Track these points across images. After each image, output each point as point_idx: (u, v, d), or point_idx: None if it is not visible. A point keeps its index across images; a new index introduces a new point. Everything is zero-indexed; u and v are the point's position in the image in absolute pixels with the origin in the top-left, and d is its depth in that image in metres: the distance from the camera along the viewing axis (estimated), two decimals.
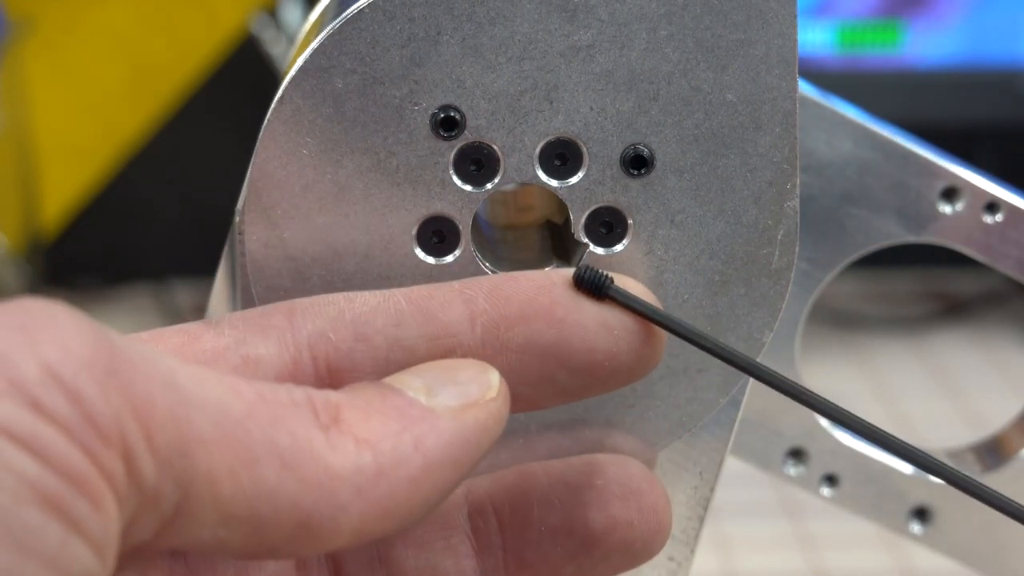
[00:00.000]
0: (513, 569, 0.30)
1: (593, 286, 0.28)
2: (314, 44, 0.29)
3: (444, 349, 0.28)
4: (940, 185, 0.35)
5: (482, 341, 0.28)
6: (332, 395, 0.26)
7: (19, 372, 0.22)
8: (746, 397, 0.32)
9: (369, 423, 0.26)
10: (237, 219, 0.30)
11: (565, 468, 0.31)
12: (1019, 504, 0.28)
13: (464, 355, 0.28)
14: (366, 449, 0.26)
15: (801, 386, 0.29)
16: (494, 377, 0.28)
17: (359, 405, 0.26)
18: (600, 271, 0.28)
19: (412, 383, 0.27)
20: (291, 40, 0.93)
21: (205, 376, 0.25)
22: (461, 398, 0.27)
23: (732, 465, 0.34)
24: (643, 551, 0.30)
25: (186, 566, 0.29)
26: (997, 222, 0.35)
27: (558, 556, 0.30)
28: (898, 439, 0.28)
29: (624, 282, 0.29)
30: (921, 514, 0.37)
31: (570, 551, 0.30)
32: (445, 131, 0.30)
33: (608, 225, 0.30)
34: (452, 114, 0.29)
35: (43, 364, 0.22)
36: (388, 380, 0.27)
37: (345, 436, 0.26)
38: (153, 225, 1.05)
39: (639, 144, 0.30)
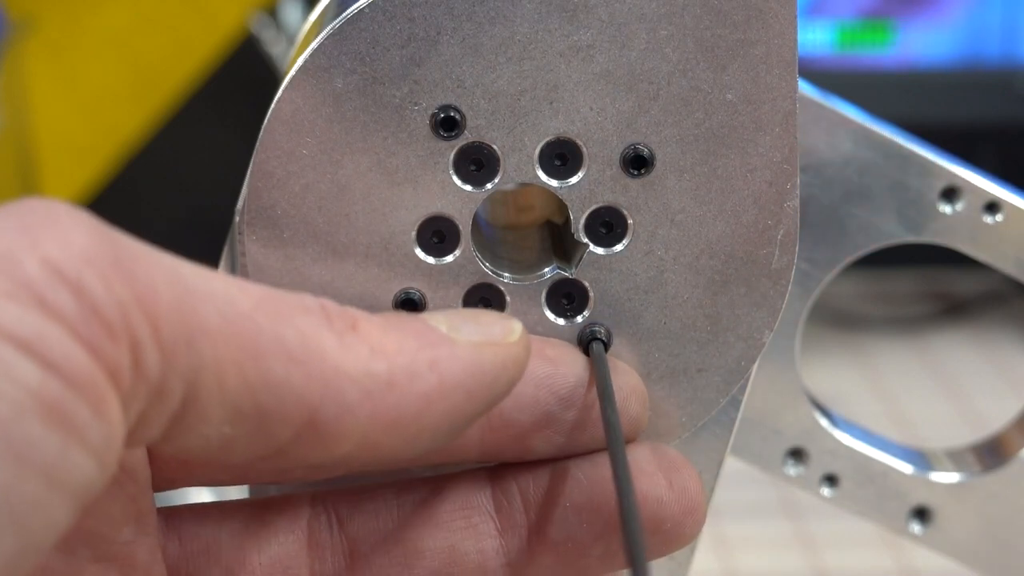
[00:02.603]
0: (538, 550, 0.30)
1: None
2: (314, 44, 0.29)
3: None
4: (940, 185, 0.35)
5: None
6: (351, 309, 0.26)
7: (23, 270, 0.22)
8: (746, 397, 0.32)
9: (386, 336, 0.26)
10: (237, 219, 0.30)
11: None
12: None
13: None
14: (380, 357, 0.25)
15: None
16: (517, 325, 0.28)
17: (377, 321, 0.26)
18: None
19: (434, 317, 0.27)
20: (291, 40, 0.93)
21: (209, 272, 0.24)
22: (482, 336, 0.27)
23: (732, 465, 0.34)
24: (674, 532, 0.29)
25: (181, 546, 0.28)
26: (997, 222, 0.35)
27: (584, 535, 0.29)
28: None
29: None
30: (921, 514, 0.37)
31: (596, 530, 0.29)
32: (445, 131, 0.30)
33: (608, 225, 0.30)
34: (452, 114, 0.29)
35: (46, 260, 0.22)
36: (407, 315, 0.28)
37: (360, 342, 0.25)
38: (153, 225, 1.05)
39: (639, 144, 0.30)
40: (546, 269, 0.31)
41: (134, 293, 0.22)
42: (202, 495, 0.37)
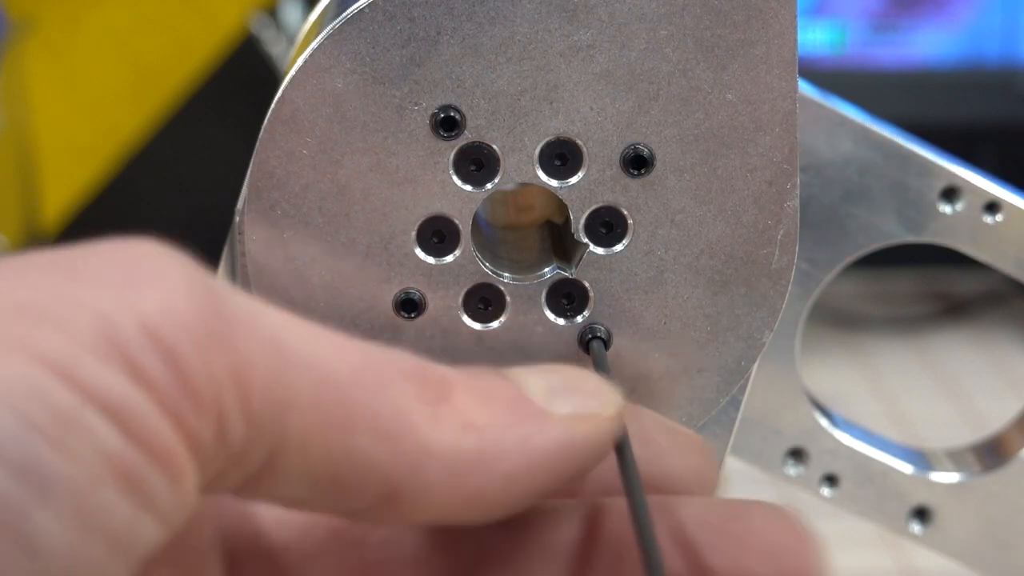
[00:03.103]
0: None
1: None
2: (314, 44, 0.29)
3: None
4: (940, 185, 0.35)
5: None
6: (448, 372, 0.26)
7: (118, 332, 0.21)
8: (746, 397, 0.32)
9: (479, 408, 0.25)
10: (237, 219, 0.30)
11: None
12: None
13: None
14: (470, 433, 0.25)
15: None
16: (616, 398, 0.27)
17: (473, 388, 0.26)
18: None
19: (533, 381, 0.26)
20: (291, 40, 0.93)
21: (314, 334, 0.24)
22: (578, 408, 0.26)
23: (732, 465, 0.34)
24: None
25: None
26: (997, 222, 0.35)
27: None
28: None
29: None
30: (921, 514, 0.37)
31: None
32: (445, 131, 0.30)
33: (608, 225, 0.30)
34: (452, 114, 0.29)
35: (143, 324, 0.21)
36: (509, 373, 0.27)
37: (451, 416, 0.25)
38: (153, 225, 1.05)
39: (639, 144, 0.30)
40: (546, 269, 0.31)
41: (229, 366, 0.22)
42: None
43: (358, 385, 0.24)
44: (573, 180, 0.30)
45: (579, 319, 0.31)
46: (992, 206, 0.35)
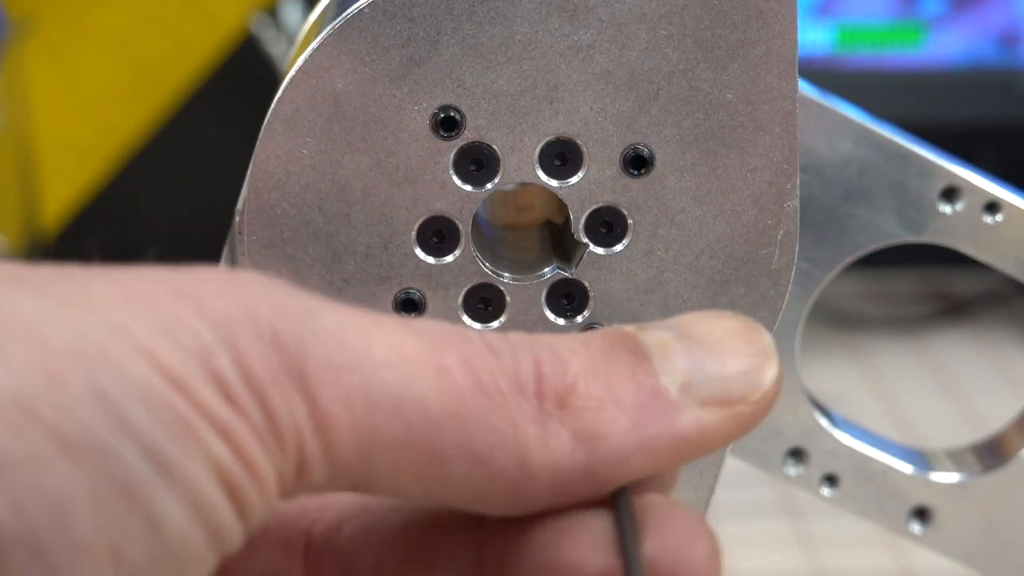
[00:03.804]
0: None
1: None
2: (314, 44, 0.29)
3: None
4: (940, 185, 0.35)
5: None
6: (571, 369, 0.24)
7: (219, 364, 0.22)
8: None
9: (598, 414, 0.24)
10: (237, 219, 0.30)
11: None
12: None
13: None
14: (582, 447, 0.23)
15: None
16: (769, 376, 0.25)
17: (595, 388, 0.24)
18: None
19: (674, 365, 0.24)
20: (291, 40, 0.93)
21: (413, 363, 0.23)
22: (718, 395, 0.24)
23: (732, 465, 0.34)
24: None
25: None
26: (997, 222, 0.35)
27: None
28: None
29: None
30: (921, 514, 0.37)
31: None
32: (445, 131, 0.30)
33: (608, 225, 0.30)
34: (452, 114, 0.29)
35: (240, 362, 0.22)
36: (653, 341, 0.24)
37: (564, 429, 0.23)
38: (153, 225, 1.05)
39: (639, 144, 0.30)
40: (546, 269, 0.31)
41: (312, 421, 0.23)
42: None
43: (458, 417, 0.23)
44: (573, 180, 0.30)
45: (579, 319, 0.31)
46: (992, 206, 0.35)
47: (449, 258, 0.30)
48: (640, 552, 0.23)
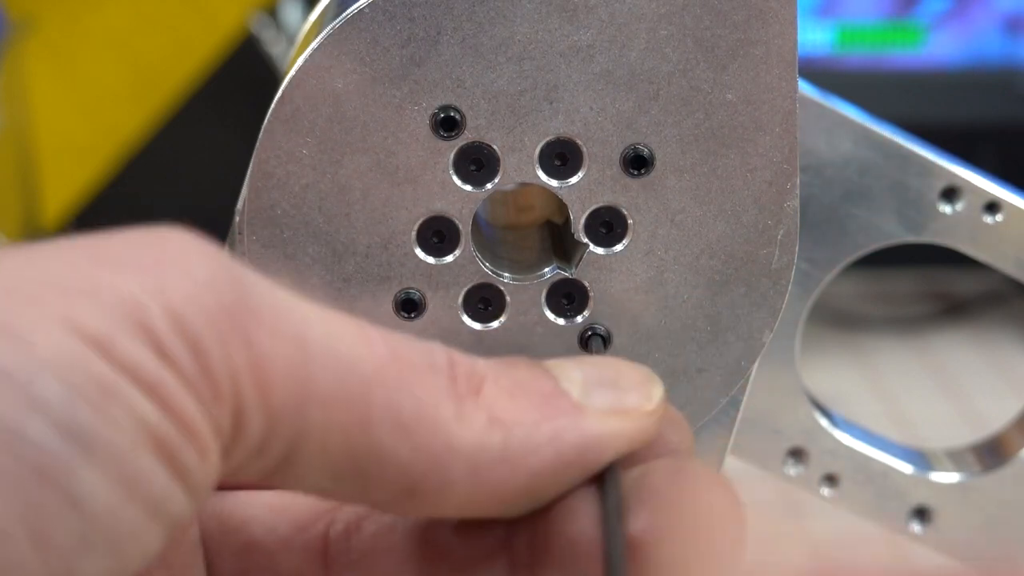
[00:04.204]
0: None
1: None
2: (314, 44, 0.29)
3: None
4: (940, 185, 0.35)
5: None
6: (480, 364, 0.25)
7: (147, 316, 0.22)
8: (746, 397, 0.32)
9: (510, 402, 0.25)
10: (237, 219, 0.30)
11: None
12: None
13: None
14: (497, 429, 0.25)
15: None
16: (656, 392, 0.27)
17: (504, 382, 0.25)
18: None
19: (570, 374, 0.26)
20: (291, 40, 0.93)
21: (340, 327, 0.24)
22: (615, 403, 0.26)
23: (732, 465, 0.34)
24: None
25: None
26: (997, 222, 0.35)
27: None
28: None
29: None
30: (921, 514, 0.37)
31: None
32: (445, 131, 0.30)
33: (608, 225, 0.30)
34: (452, 114, 0.29)
35: (170, 311, 0.22)
36: (549, 364, 0.26)
37: (479, 411, 0.25)
38: (153, 225, 1.05)
39: (639, 144, 0.30)
40: (546, 269, 0.31)
41: (249, 361, 0.22)
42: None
43: (382, 380, 0.24)
44: (573, 180, 0.30)
45: (579, 319, 0.31)
46: (992, 206, 0.35)
47: (449, 258, 0.30)
48: (624, 530, 0.25)
